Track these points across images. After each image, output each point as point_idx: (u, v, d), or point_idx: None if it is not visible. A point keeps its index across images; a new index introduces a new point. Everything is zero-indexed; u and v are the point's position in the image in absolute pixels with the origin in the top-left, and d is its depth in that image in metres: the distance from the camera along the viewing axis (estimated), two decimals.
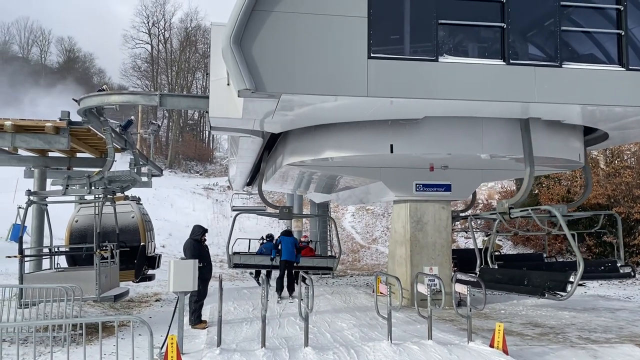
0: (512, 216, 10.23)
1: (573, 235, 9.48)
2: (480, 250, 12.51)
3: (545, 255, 13.28)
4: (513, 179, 24.33)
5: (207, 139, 63.10)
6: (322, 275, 19.26)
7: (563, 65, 8.57)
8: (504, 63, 8.46)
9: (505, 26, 8.49)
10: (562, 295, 8.96)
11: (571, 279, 8.74)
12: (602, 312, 11.91)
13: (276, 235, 18.79)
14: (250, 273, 18.09)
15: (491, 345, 7.64)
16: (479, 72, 8.37)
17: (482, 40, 8.96)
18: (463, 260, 13.13)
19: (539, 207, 10.23)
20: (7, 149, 12.93)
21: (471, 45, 8.92)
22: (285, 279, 13.20)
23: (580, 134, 10.95)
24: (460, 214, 15.12)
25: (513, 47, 8.51)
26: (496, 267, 11.62)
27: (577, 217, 12.94)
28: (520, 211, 10.20)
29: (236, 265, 15.34)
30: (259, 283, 16.93)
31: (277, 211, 14.68)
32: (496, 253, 14.90)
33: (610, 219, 15.12)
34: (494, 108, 8.97)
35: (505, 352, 7.45)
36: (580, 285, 16.82)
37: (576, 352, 8.13)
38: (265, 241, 17.12)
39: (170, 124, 58.82)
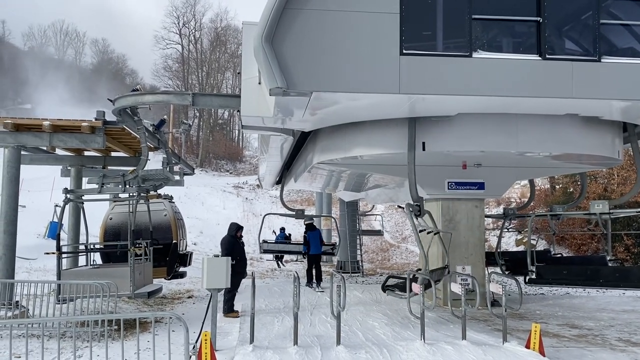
0: (417, 215, 9.75)
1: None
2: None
3: (608, 258, 11.98)
4: (547, 177, 23.85)
5: (237, 138, 63.76)
6: (352, 274, 19.71)
7: (602, 60, 8.31)
8: (540, 58, 8.24)
9: (541, 20, 8.28)
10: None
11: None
12: None
13: (286, 228, 25.76)
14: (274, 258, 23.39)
15: (527, 347, 7.47)
16: (514, 68, 8.18)
17: (516, 35, 8.75)
18: (515, 262, 12.66)
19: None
20: (45, 148, 13.31)
21: (506, 40, 8.72)
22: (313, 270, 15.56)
23: (619, 130, 10.60)
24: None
25: (549, 41, 8.29)
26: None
27: (623, 215, 11.87)
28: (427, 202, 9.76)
29: (265, 251, 18.62)
30: (278, 265, 23.14)
31: (294, 213, 17.38)
32: (558, 255, 14.11)
33: None
34: (529, 104, 8.77)
35: (542, 353, 7.27)
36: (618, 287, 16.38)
37: (616, 354, 7.89)
38: (278, 233, 23.83)
39: (201, 123, 59.60)
